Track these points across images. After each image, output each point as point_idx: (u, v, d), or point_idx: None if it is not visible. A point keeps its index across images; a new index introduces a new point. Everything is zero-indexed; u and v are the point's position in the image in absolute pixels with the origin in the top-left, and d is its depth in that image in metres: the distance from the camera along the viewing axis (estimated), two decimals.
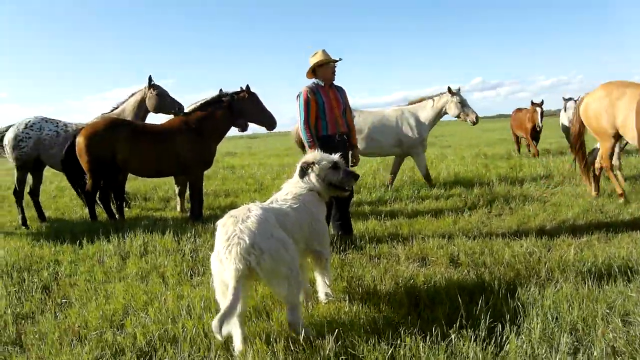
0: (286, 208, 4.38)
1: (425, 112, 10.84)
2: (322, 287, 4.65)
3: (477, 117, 10.60)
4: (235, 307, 3.50)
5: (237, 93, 8.83)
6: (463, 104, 10.60)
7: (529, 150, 17.47)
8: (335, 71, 6.83)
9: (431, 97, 10.90)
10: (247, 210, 3.91)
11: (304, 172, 4.72)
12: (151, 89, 10.02)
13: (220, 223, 3.92)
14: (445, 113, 10.81)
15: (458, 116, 10.70)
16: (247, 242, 3.61)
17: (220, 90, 9.18)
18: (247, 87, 8.85)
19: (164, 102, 9.83)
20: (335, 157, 4.84)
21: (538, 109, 15.68)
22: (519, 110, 17.73)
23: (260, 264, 3.60)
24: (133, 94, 10.29)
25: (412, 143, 10.72)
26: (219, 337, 3.41)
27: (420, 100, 11.04)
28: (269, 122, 9.10)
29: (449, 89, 10.63)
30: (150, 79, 10.02)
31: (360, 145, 10.45)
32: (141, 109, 10.08)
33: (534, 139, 16.55)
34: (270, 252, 3.66)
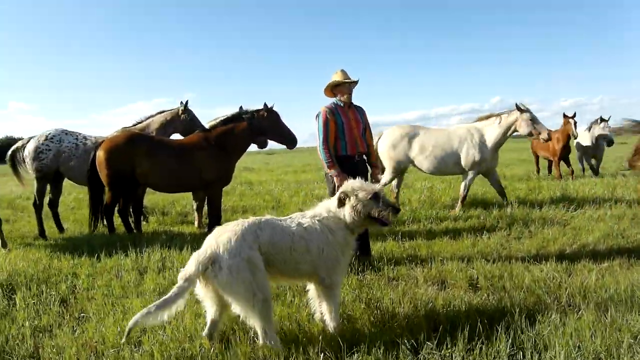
0: (294, 227, 4.36)
1: (492, 130, 10.51)
2: (326, 317, 4.45)
3: (548, 134, 10.31)
4: (169, 302, 3.83)
5: (257, 111, 8.84)
6: (534, 121, 10.23)
7: (550, 173, 17.23)
8: (351, 92, 6.81)
9: (499, 115, 10.54)
10: (235, 225, 4.14)
11: (341, 203, 4.53)
12: (185, 114, 10.11)
13: (212, 232, 4.22)
14: (515, 131, 10.44)
15: (530, 134, 10.36)
16: (208, 254, 3.92)
17: (241, 107, 9.21)
18: (265, 105, 8.83)
19: (195, 128, 9.85)
20: (377, 186, 4.64)
21: (571, 120, 15.02)
22: None
23: (218, 277, 3.86)
24: (162, 112, 10.35)
25: (474, 162, 10.45)
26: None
27: (488, 117, 10.71)
28: (289, 140, 9.10)
29: (517, 106, 10.26)
30: (186, 104, 10.14)
31: (424, 164, 10.67)
32: (168, 128, 10.14)
33: (563, 159, 15.98)
34: (230, 269, 3.85)
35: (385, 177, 10.90)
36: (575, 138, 15.39)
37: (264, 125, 8.84)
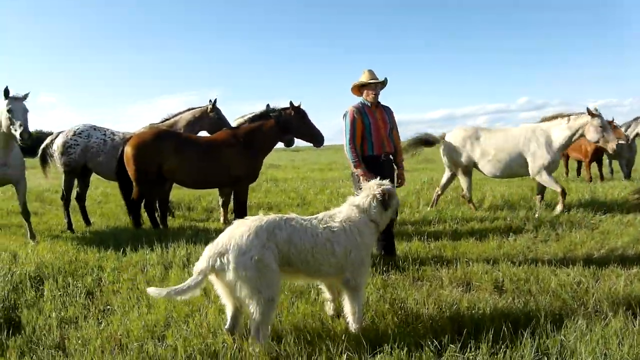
0: (319, 228, 4.37)
1: (559, 132, 9.85)
2: (349, 317, 4.45)
3: (616, 145, 9.78)
4: (183, 292, 3.94)
5: (284, 109, 8.84)
6: (604, 129, 9.55)
7: (578, 175, 16.95)
8: (378, 92, 6.77)
9: (567, 116, 9.91)
10: (253, 221, 4.16)
11: (385, 204, 4.70)
12: (213, 112, 10.16)
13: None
14: (582, 135, 9.79)
15: (597, 141, 9.71)
16: (218, 248, 3.97)
17: (268, 105, 9.23)
18: (291, 103, 8.80)
19: (222, 127, 9.90)
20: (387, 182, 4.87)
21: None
22: None
23: (226, 272, 3.91)
24: (191, 109, 10.40)
25: (542, 165, 9.76)
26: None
27: (554, 118, 10.11)
28: (316, 139, 9.07)
29: (588, 110, 9.63)
30: (215, 102, 10.17)
31: (486, 168, 10.30)
32: (196, 126, 10.18)
33: (596, 161, 15.66)
34: (237, 266, 3.89)
35: (462, 183, 10.79)
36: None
37: (291, 124, 8.82)
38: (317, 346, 4.01)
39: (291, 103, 8.80)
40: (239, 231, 4.04)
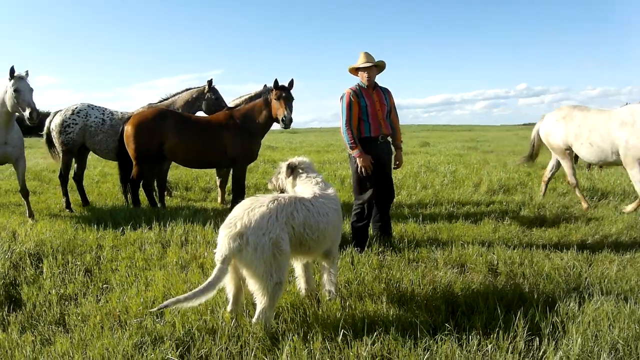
0: (328, 209, 4.50)
1: None
2: (327, 284, 4.72)
3: None
4: (214, 285, 3.84)
5: (271, 89, 8.59)
6: None
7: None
8: (373, 75, 6.76)
9: None
10: (270, 201, 4.11)
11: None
12: (210, 92, 10.13)
13: (242, 202, 4.20)
14: None
15: None
16: (237, 229, 3.87)
17: (265, 85, 9.19)
18: (275, 81, 8.39)
19: (220, 107, 9.89)
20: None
21: None
22: None
23: (242, 252, 3.84)
24: (188, 89, 10.37)
25: (633, 154, 8.19)
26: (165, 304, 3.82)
27: None
28: (280, 117, 8.48)
29: None
30: (210, 82, 10.14)
31: (581, 152, 9.13)
32: (193, 106, 10.16)
33: None
34: (256, 247, 3.84)
35: (565, 169, 9.80)
36: None
37: (272, 104, 8.54)
38: (313, 325, 4.06)
39: (275, 81, 8.41)
40: (258, 212, 3.98)
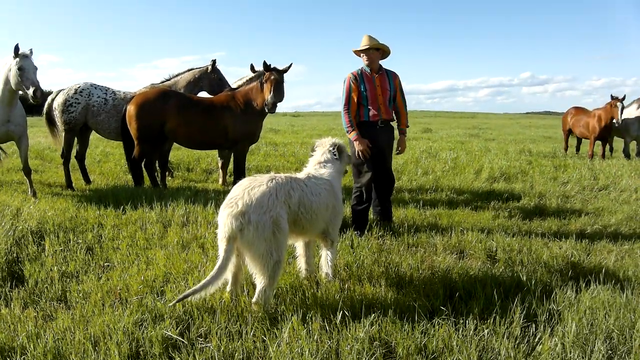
0: (320, 188, 4.56)
1: None
2: (324, 266, 4.79)
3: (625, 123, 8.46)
4: (225, 266, 3.90)
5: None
6: None
7: (577, 152, 16.84)
8: (375, 59, 6.73)
9: None
10: (268, 180, 4.16)
11: (339, 154, 5.04)
12: (213, 72, 10.12)
13: (239, 182, 4.24)
14: None
15: None
16: (239, 208, 3.88)
17: (264, 62, 9.23)
18: (264, 63, 8.28)
19: (222, 87, 9.91)
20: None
21: (619, 104, 14.10)
22: (580, 109, 16.45)
23: (243, 231, 3.85)
24: (191, 69, 10.37)
25: None
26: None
27: None
28: (266, 101, 8.34)
29: None
30: (214, 62, 10.12)
31: None
32: (196, 86, 10.17)
33: (601, 139, 15.34)
34: (257, 225, 3.86)
35: None
36: (618, 125, 14.35)
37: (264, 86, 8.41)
38: (312, 307, 4.10)
39: (263, 62, 8.30)
40: (258, 190, 4.01)
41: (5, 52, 8.03)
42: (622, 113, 14.13)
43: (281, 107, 8.98)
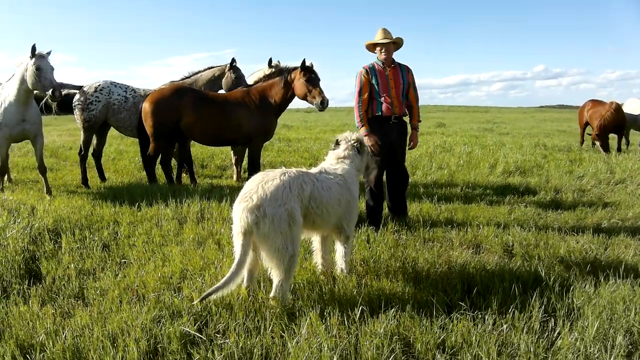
0: (330, 181, 4.57)
1: None
2: (339, 261, 4.79)
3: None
4: (244, 262, 3.93)
5: (294, 69, 8.52)
6: None
7: (593, 145, 16.68)
8: (390, 52, 6.70)
9: None
10: (281, 174, 4.16)
11: (358, 150, 5.07)
12: (232, 71, 10.12)
13: (252, 177, 4.23)
14: None
15: None
16: (254, 201, 3.89)
17: (270, 59, 9.24)
18: (303, 62, 8.34)
19: (240, 86, 9.91)
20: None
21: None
22: (597, 102, 16.25)
23: (259, 224, 3.86)
24: (210, 68, 10.36)
25: None
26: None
27: None
28: (318, 101, 8.28)
29: None
30: (233, 60, 10.11)
31: None
32: (215, 84, 10.17)
33: (616, 133, 15.26)
34: (273, 218, 3.87)
35: None
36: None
37: (296, 84, 8.46)
38: (330, 302, 4.10)
39: (303, 62, 8.35)
40: (273, 184, 4.02)
41: (16, 52, 8.06)
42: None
43: (294, 104, 8.99)
